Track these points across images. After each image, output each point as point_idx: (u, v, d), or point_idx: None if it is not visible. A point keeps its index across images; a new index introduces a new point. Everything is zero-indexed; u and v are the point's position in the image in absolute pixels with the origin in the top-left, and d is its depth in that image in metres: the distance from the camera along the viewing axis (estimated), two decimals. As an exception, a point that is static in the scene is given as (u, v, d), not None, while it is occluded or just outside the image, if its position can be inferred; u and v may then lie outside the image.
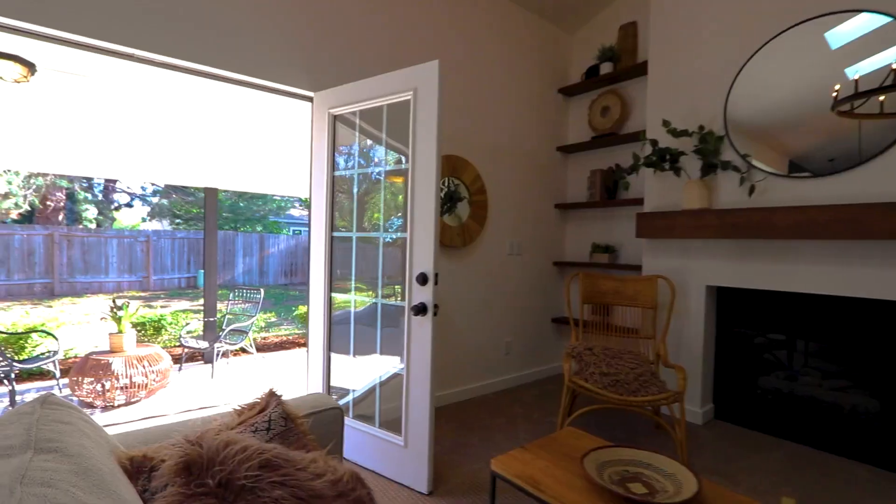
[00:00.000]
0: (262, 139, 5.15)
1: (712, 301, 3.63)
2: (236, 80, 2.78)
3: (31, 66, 3.53)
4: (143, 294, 13.00)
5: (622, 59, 4.46)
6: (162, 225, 17.62)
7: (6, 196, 9.94)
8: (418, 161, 2.47)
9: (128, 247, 13.42)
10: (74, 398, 4.55)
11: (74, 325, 8.56)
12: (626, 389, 2.75)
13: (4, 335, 4.86)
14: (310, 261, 3.08)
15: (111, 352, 4.59)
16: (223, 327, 5.95)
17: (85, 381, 4.36)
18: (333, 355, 3.01)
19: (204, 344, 5.50)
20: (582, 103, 4.90)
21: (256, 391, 1.77)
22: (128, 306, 4.74)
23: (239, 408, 1.51)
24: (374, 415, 2.78)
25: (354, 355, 2.91)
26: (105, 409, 4.37)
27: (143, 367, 4.57)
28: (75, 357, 6.45)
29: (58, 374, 4.86)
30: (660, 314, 3.60)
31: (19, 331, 5.31)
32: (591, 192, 4.68)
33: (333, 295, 2.98)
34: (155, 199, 17.53)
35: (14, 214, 10.77)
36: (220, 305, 6.44)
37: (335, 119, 2.91)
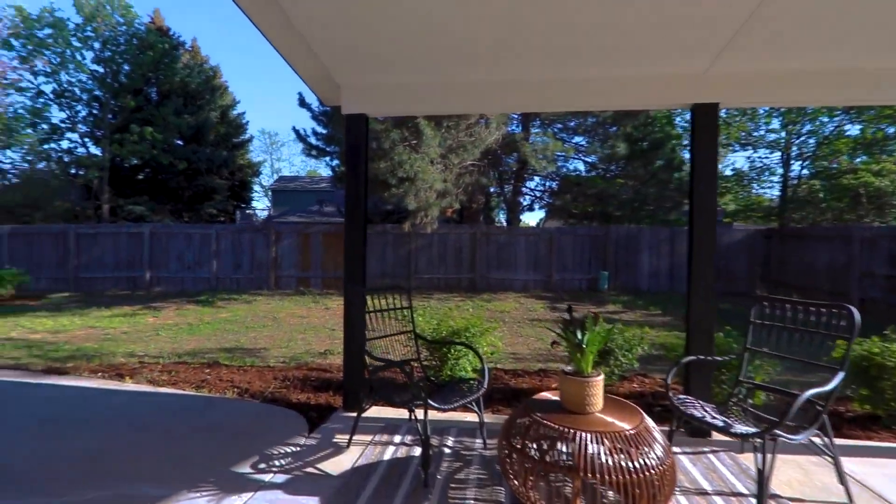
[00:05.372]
0: None
1: None
2: None
3: None
4: (546, 294, 12.12)
5: None
6: (559, 224, 17.13)
7: (444, 194, 10.68)
8: None
9: (533, 244, 12.94)
10: (501, 490, 2.46)
11: (493, 324, 7.55)
12: None
13: (425, 342, 3.44)
14: None
15: (566, 410, 2.27)
16: (740, 376, 2.87)
17: (525, 471, 2.17)
18: None
19: (722, 421, 2.55)
20: None
21: None
22: (595, 321, 2.31)
23: None
24: None
25: None
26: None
27: (629, 452, 2.02)
28: (496, 369, 4.99)
29: (481, 412, 3.00)
30: None
31: (443, 333, 3.93)
32: None
33: None
34: (552, 200, 17.09)
35: (449, 212, 11.86)
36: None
37: None
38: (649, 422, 2.24)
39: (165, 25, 21.72)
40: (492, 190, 15.72)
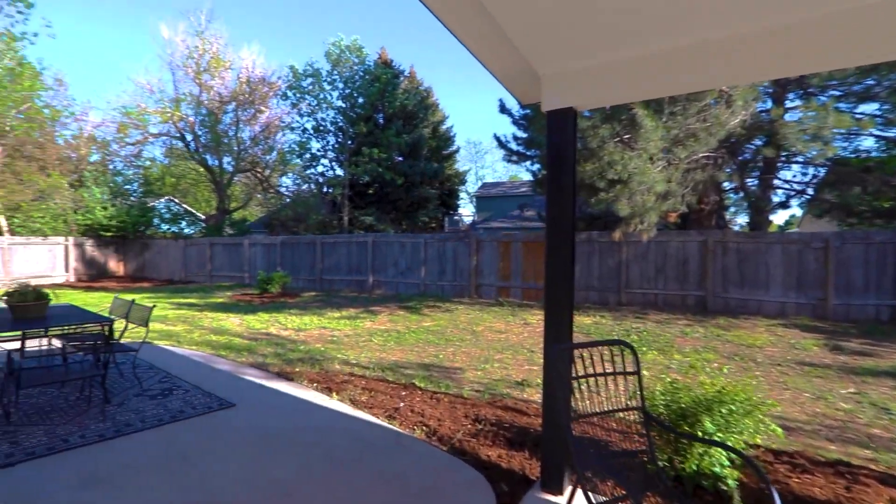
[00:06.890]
0: None
1: None
2: None
3: None
4: (818, 325, 8.87)
5: None
6: (834, 226, 12.71)
7: (666, 196, 8.85)
8: None
9: (795, 255, 9.74)
10: None
11: (768, 401, 5.72)
12: None
13: (659, 425, 2.33)
14: None
15: None
16: None
17: None
18: None
19: None
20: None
21: None
22: None
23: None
24: None
25: None
26: None
27: None
28: (758, 447, 3.34)
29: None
30: None
31: (681, 404, 2.74)
32: None
33: None
34: (825, 195, 12.80)
35: (672, 217, 9.85)
36: None
37: None
38: None
39: (389, 58, 24.85)
40: (727, 185, 12.65)
